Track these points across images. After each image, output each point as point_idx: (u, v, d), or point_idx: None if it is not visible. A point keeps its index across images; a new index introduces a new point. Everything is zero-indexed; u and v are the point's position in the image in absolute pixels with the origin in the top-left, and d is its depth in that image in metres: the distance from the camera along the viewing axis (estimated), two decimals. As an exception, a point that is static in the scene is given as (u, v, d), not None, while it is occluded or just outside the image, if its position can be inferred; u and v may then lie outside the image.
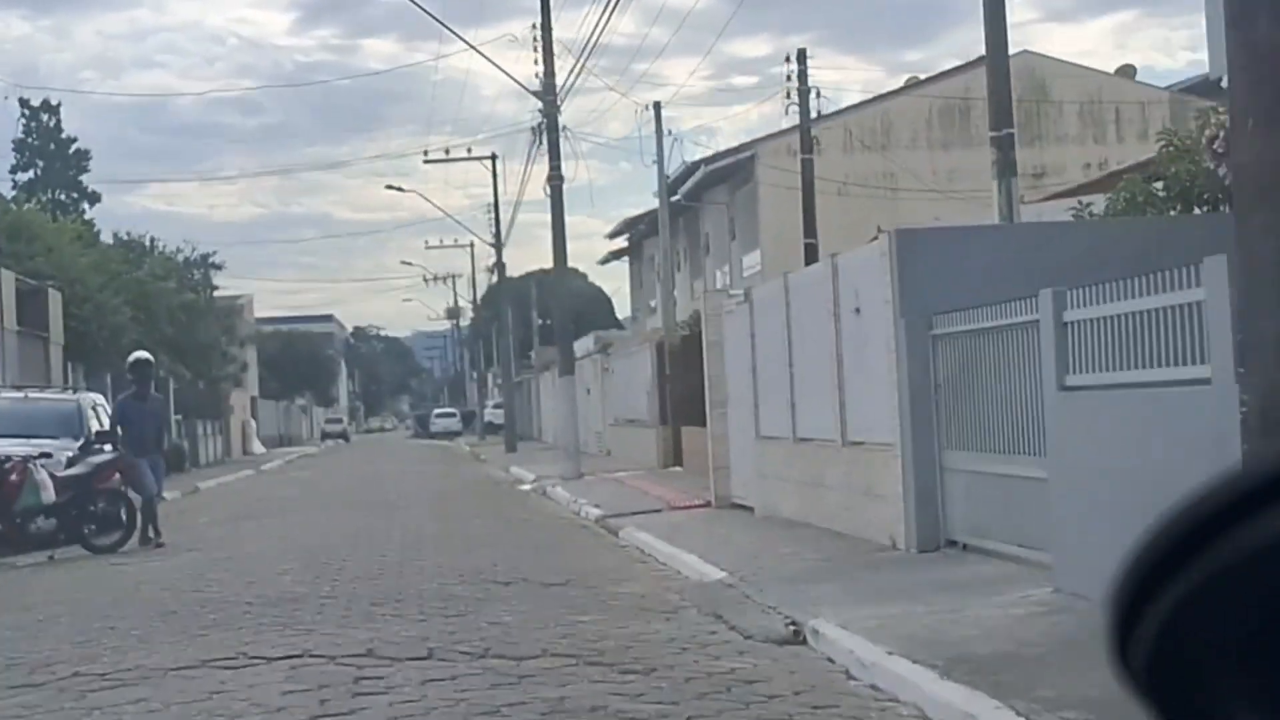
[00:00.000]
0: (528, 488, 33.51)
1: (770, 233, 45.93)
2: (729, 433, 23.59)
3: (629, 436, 40.31)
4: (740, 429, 22.75)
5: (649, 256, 63.58)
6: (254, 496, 33.24)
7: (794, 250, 45.92)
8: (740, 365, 22.28)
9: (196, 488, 41.00)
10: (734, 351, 22.96)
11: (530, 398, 70.82)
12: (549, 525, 22.82)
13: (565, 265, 34.86)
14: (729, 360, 23.47)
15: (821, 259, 17.75)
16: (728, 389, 23.61)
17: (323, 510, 26.07)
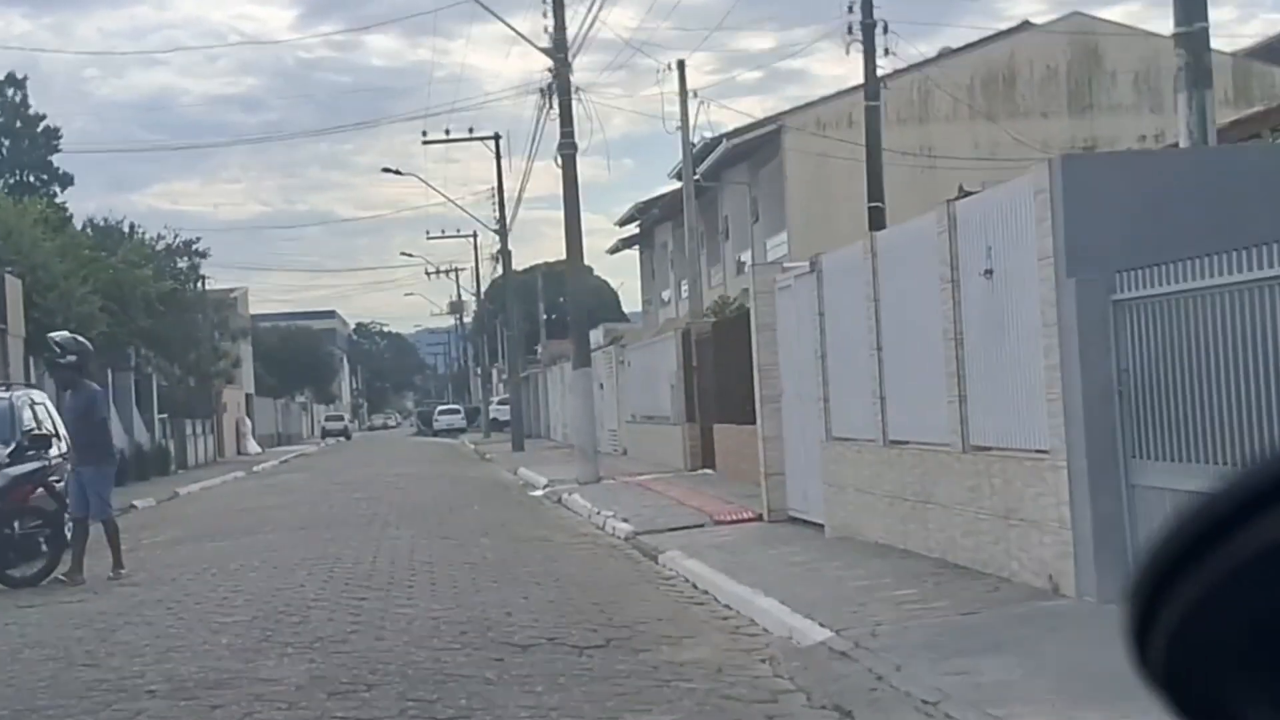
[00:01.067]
0: (540, 493, 29.31)
1: (798, 213, 41.76)
2: (784, 433, 19.40)
3: (649, 435, 36.10)
4: (800, 428, 18.56)
5: (661, 244, 59.30)
6: (232, 506, 29.03)
7: (825, 231, 41.75)
8: (801, 351, 18.08)
9: (175, 493, 36.85)
10: (792, 335, 18.77)
11: (537, 394, 66.58)
12: (571, 547, 18.60)
13: (580, 244, 30.68)
14: (784, 346, 19.27)
15: (933, 211, 13.50)
16: (781, 380, 19.42)
17: (301, 528, 21.84)
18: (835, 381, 16.62)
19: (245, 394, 71.63)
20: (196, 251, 48.38)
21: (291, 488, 34.69)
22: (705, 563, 15.24)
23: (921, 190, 40.78)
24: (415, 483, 33.36)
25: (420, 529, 20.77)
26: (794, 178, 41.98)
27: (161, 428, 48.28)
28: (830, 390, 16.73)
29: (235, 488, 38.69)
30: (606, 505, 23.14)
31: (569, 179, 30.42)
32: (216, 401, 61.00)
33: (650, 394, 35.71)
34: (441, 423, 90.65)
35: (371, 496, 28.59)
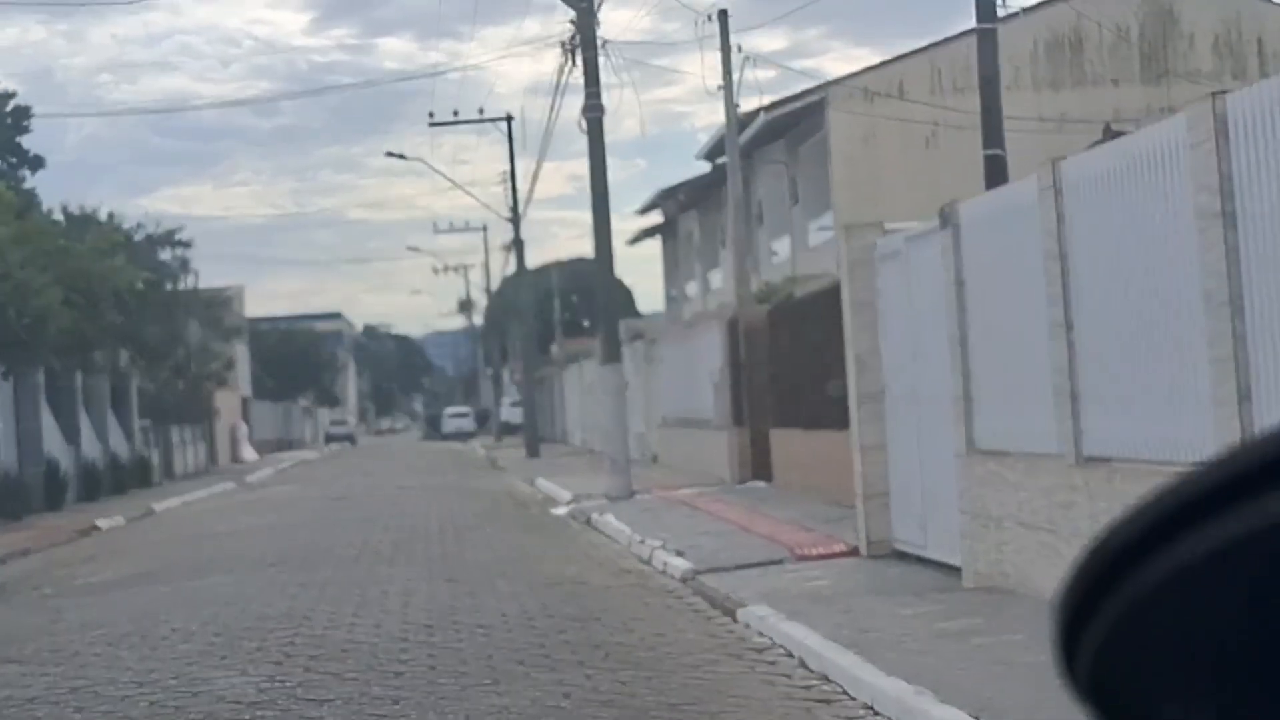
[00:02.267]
0: (563, 511, 24.79)
1: (845, 193, 37.19)
2: (889, 441, 14.88)
3: (685, 440, 31.56)
4: (913, 435, 14.06)
5: (685, 234, 54.72)
6: (203, 530, 24.48)
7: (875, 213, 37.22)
8: (923, 334, 13.57)
9: (150, 510, 32.36)
10: (899, 314, 14.29)
11: (552, 396, 62.01)
12: (615, 594, 14.06)
13: (608, 220, 26.15)
14: (888, 330, 14.77)
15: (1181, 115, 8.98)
16: (884, 374, 14.92)
17: (272, 565, 17.26)
18: (982, 374, 12.09)
19: (242, 398, 67.10)
20: (180, 242, 43.82)
21: (279, 503, 30.16)
22: (812, 627, 10.73)
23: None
24: (419, 497, 28.84)
25: (419, 566, 16.24)
26: (840, 154, 37.43)
27: (143, 435, 43.77)
28: (974, 386, 12.19)
29: (219, 503, 34.16)
30: (649, 530, 18.62)
31: (595, 145, 25.90)
32: (209, 406, 56.49)
33: (686, 394, 31.19)
34: (450, 426, 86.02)
35: (366, 517, 24.05)
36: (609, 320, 26.07)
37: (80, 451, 36.40)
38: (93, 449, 37.65)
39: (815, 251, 39.04)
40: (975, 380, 12.13)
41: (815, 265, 36.18)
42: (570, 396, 56.18)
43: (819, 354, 20.46)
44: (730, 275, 48.66)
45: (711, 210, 49.84)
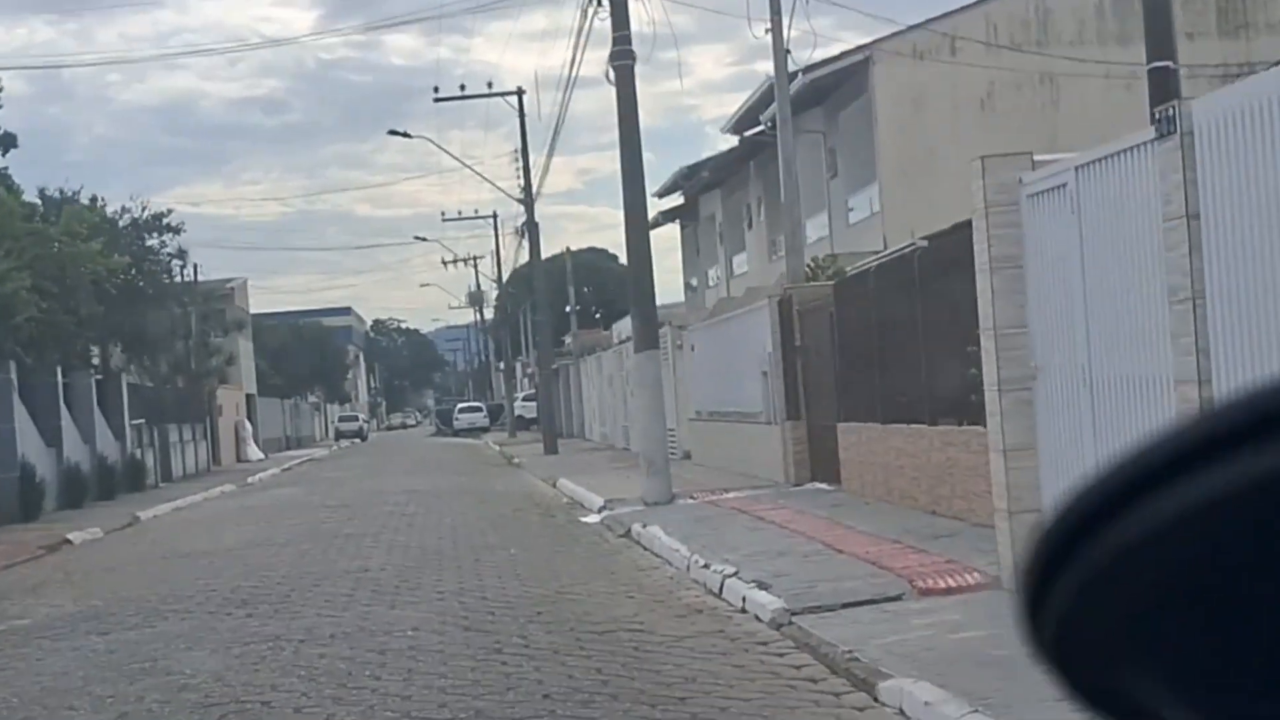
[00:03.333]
0: (596, 520, 21.06)
1: (891, 162, 33.46)
2: (1040, 440, 11.16)
3: (723, 436, 27.82)
4: (1094, 433, 10.34)
5: (707, 216, 50.93)
6: (179, 548, 20.70)
7: (925, 185, 33.49)
8: (1105, 294, 9.85)
9: (135, 518, 28.66)
10: (1074, 267, 10.59)
11: (568, 388, 58.21)
12: (686, 647, 10.30)
13: (641, 181, 22.39)
14: (1045, 290, 11.07)
15: None
16: (1035, 351, 11.21)
17: (244, 603, 13.43)
18: (1228, 345, 8.34)
19: (246, 394, 63.38)
20: (169, 227, 39.93)
21: (274, 511, 26.40)
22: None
23: (1044, 126, 32.55)
24: (429, 503, 25.10)
25: (428, 606, 12.48)
26: (886, 119, 33.67)
27: (136, 435, 40.04)
28: (1216, 363, 8.43)
29: (211, 509, 30.42)
30: (710, 548, 14.90)
31: (625, 96, 22.16)
32: (210, 403, 52.78)
33: (724, 384, 27.45)
34: (462, 421, 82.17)
35: (368, 531, 20.30)
36: (643, 298, 22.31)
37: (62, 455, 32.68)
38: (77, 452, 33.93)
39: (857, 229, 35.27)
40: (1217, 355, 8.37)
41: (857, 244, 32.47)
42: (588, 389, 52.44)
43: (906, 332, 16.72)
44: (763, 258, 44.95)
45: (736, 189, 46.05)
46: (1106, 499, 0.99)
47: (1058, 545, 1.02)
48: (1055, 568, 1.02)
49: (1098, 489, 0.99)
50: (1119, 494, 0.98)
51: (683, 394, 32.91)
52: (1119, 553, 0.98)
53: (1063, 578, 1.02)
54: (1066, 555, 1.01)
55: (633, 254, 22.35)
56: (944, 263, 15.46)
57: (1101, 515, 0.99)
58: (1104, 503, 0.99)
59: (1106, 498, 0.99)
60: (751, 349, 24.38)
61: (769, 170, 42.53)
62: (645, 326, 22.14)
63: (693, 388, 31.15)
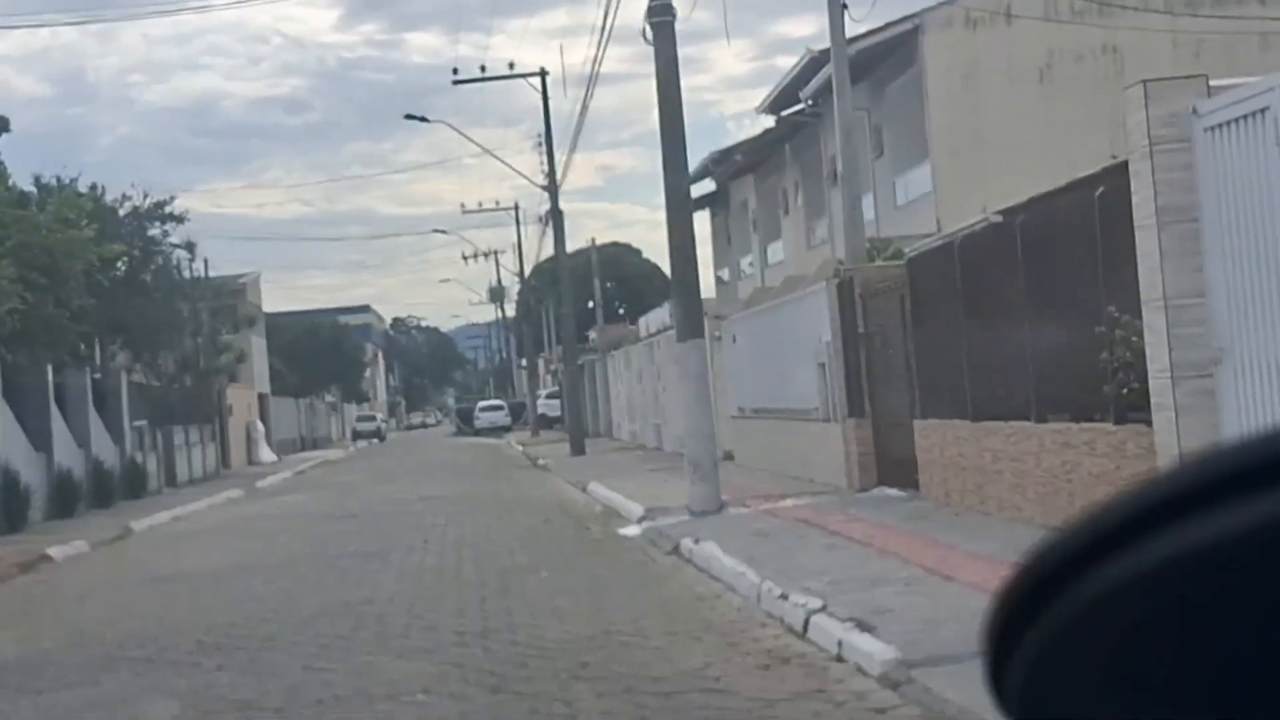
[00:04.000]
0: (637, 532, 18.51)
1: (944, 138, 30.84)
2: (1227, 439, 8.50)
3: (770, 435, 25.25)
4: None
5: (739, 203, 48.34)
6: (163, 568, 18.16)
7: (979, 163, 30.92)
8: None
9: (128, 529, 26.22)
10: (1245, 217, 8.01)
11: (594, 385, 55.62)
12: None
13: (682, 144, 19.76)
14: (1230, 249, 8.49)
15: None
16: (1216, 330, 8.64)
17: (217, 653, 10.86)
18: None
19: (258, 394, 60.92)
20: (171, 216, 37.33)
21: (276, 524, 23.88)
22: None
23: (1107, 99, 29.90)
24: (448, 514, 22.55)
25: (444, 656, 9.90)
26: (938, 93, 31.06)
27: (138, 438, 37.58)
28: None
29: (211, 519, 27.93)
30: (782, 572, 12.36)
31: (664, 55, 19.58)
32: (220, 403, 50.33)
33: (770, 378, 24.89)
34: (484, 420, 79.55)
35: (377, 549, 17.74)
36: (685, 281, 19.73)
37: (52, 460, 30.23)
38: (69, 456, 31.48)
39: (905, 211, 32.66)
40: None
41: (905, 226, 29.89)
42: (615, 385, 49.91)
43: (1005, 314, 14.16)
44: (795, 244, 42.35)
45: (771, 174, 43.44)
46: (1069, 557, 0.97)
47: (1021, 604, 1.00)
48: (1019, 626, 1.00)
49: (1059, 548, 0.98)
50: (1081, 552, 0.96)
51: (721, 389, 30.37)
52: (1084, 610, 0.96)
53: (1027, 636, 1.00)
54: (1031, 613, 0.99)
55: (674, 232, 19.80)
56: (1057, 229, 12.90)
57: (1064, 573, 0.97)
58: (1066, 561, 0.97)
59: (1069, 556, 0.97)
60: (804, 338, 21.81)
61: (807, 152, 39.98)
62: (689, 312, 19.58)
63: (734, 382, 28.58)
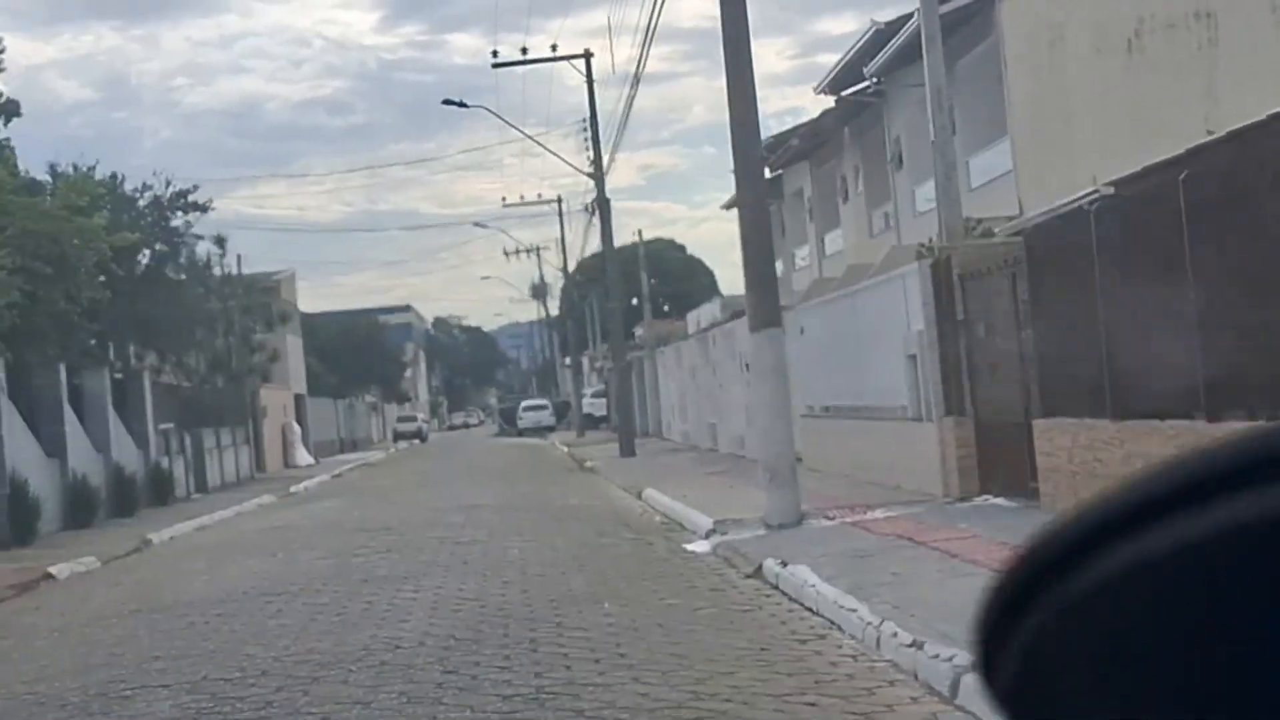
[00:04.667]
0: (706, 549, 16.09)
1: (1026, 113, 28.23)
2: None
3: (848, 437, 22.75)
4: None
5: (793, 192, 45.78)
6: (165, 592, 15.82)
7: (1063, 139, 28.37)
8: None
9: (147, 541, 23.98)
10: None
11: (644, 383, 53.13)
12: None
13: (754, 120, 17.27)
14: None
15: None
16: None
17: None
18: None
19: (295, 394, 58.70)
20: (194, 204, 34.95)
21: (302, 536, 21.52)
22: None
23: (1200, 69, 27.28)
24: (491, 525, 20.12)
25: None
26: (1018, 64, 28.43)
27: (164, 442, 35.35)
28: None
29: (234, 529, 25.62)
30: (900, 607, 9.94)
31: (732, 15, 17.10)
32: (253, 404, 48.10)
33: (849, 372, 22.40)
34: (527, 420, 77.11)
35: (410, 571, 15.29)
36: (759, 262, 17.21)
37: (66, 466, 27.98)
38: (86, 462, 29.25)
39: (980, 194, 30.06)
40: None
41: (981, 209, 27.37)
42: (666, 383, 47.46)
43: (1162, 292, 11.62)
44: (856, 232, 39.80)
45: (829, 159, 40.87)
46: (1065, 548, 0.96)
47: (1014, 595, 0.99)
48: (1012, 618, 1.00)
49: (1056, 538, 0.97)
50: (1077, 543, 0.95)
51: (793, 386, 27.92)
52: (1077, 602, 0.96)
53: (1019, 628, 0.99)
54: (1024, 605, 0.99)
55: (746, 206, 17.33)
56: (1240, 187, 10.37)
57: (1059, 565, 0.96)
58: (1062, 552, 0.96)
59: (1065, 547, 0.96)
60: (889, 327, 19.31)
61: (869, 135, 37.39)
62: (764, 298, 17.08)
63: (802, 378, 26.07)
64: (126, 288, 29.88)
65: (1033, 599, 0.99)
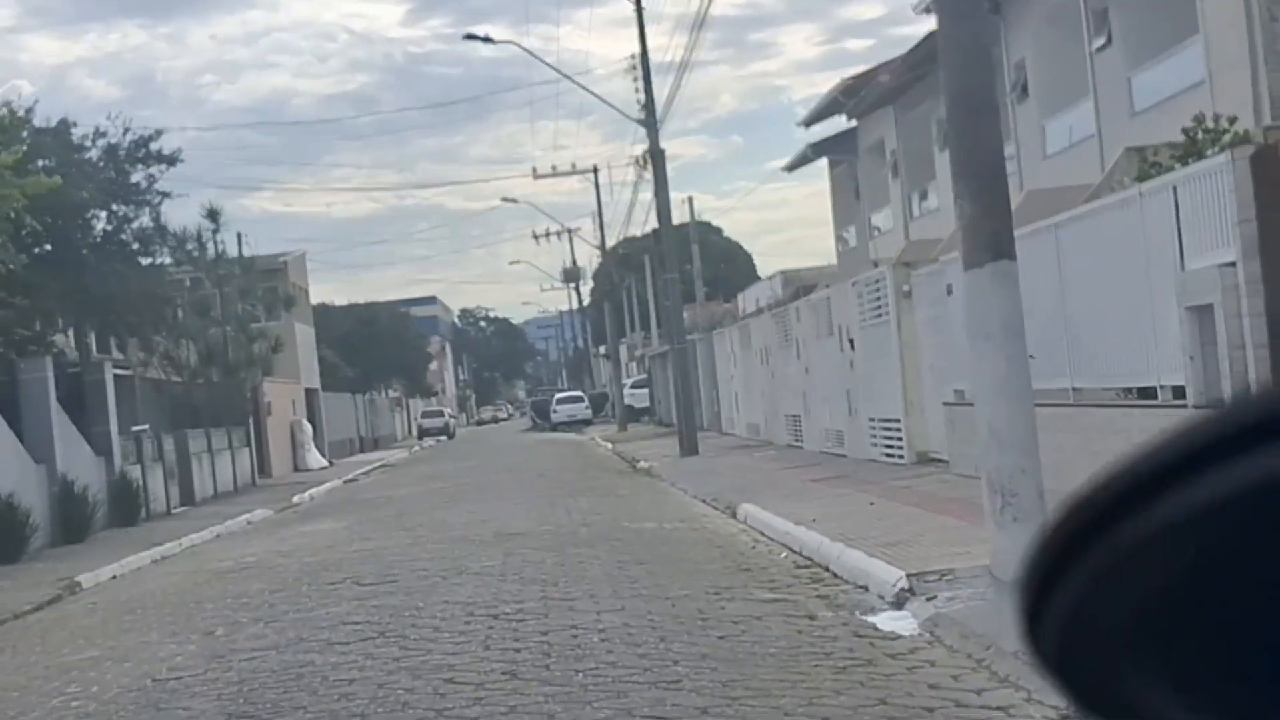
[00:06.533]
0: (906, 625, 9.47)
1: (1217, 7, 21.37)
2: None
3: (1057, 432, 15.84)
4: None
5: (871, 145, 38.76)
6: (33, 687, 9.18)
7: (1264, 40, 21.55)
8: None
9: (72, 586, 17.49)
10: None
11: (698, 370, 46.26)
12: None
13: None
14: None
15: None
16: None
17: None
18: None
19: (305, 389, 52.01)
20: (160, 155, 28.06)
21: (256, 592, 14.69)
22: None
23: None
24: (540, 575, 13.21)
25: None
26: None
27: (136, 448, 28.69)
28: None
29: (190, 567, 18.92)
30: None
31: None
32: (255, 401, 41.45)
33: (1048, 341, 15.51)
34: (562, 414, 70.20)
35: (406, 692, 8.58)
36: (980, 147, 10.38)
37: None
38: (18, 478, 22.67)
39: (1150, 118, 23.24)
40: None
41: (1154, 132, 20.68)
42: (726, 369, 40.67)
43: None
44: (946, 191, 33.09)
45: (921, 100, 33.94)
46: (1111, 500, 0.94)
47: (1060, 548, 0.97)
48: (1057, 572, 0.97)
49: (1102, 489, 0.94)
50: (1124, 495, 0.93)
51: (916, 363, 21.14)
52: (1121, 556, 0.94)
53: (1063, 583, 0.97)
54: (1068, 559, 0.96)
55: (953, 48, 10.58)
56: None
57: (1105, 517, 0.94)
58: (1108, 504, 0.94)
59: (1111, 499, 0.94)
60: (1138, 267, 12.51)
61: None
62: (988, 212, 10.27)
63: (945, 355, 19.31)
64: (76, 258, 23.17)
65: (1077, 556, 0.94)
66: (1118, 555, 0.94)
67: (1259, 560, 0.89)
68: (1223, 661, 0.93)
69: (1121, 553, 0.94)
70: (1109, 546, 0.94)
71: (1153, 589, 0.94)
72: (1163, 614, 0.94)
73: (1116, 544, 0.94)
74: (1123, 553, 0.94)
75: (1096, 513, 0.95)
